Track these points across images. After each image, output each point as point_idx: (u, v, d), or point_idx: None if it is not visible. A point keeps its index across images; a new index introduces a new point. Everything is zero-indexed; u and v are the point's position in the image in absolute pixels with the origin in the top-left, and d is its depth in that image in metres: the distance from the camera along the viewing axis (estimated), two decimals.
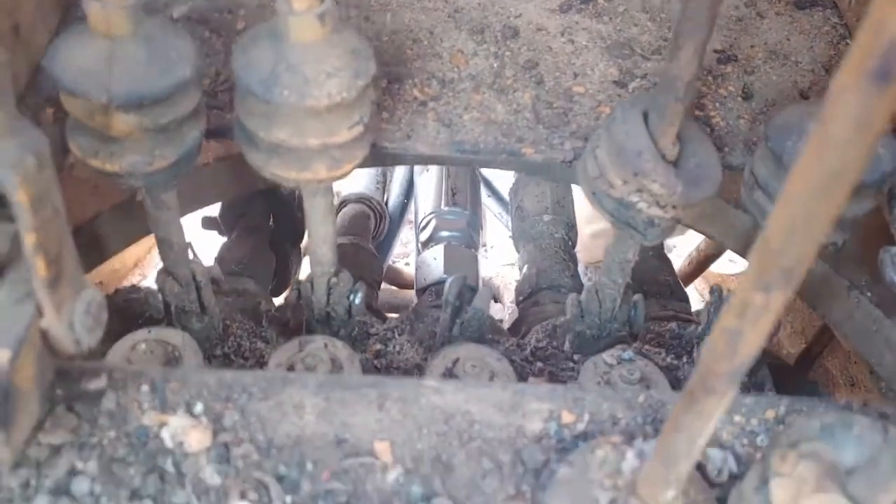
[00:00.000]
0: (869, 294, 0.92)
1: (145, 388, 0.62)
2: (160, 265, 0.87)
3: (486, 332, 0.92)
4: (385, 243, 1.66)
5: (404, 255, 2.64)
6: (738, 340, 0.39)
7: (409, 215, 1.76)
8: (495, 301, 1.81)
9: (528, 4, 1.00)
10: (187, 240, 0.86)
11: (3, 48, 0.70)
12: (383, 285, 1.92)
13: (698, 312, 1.10)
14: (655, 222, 0.75)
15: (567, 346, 0.95)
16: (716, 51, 0.97)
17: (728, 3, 1.04)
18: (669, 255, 1.40)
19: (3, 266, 0.53)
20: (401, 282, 2.02)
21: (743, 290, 0.37)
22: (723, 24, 1.01)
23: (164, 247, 0.84)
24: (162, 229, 0.82)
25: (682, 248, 2.05)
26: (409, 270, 2.06)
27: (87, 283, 0.55)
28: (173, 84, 0.67)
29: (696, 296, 2.06)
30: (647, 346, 0.95)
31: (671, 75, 0.68)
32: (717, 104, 0.91)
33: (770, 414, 0.64)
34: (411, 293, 1.82)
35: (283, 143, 0.70)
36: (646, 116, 0.74)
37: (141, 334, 0.81)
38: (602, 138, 0.75)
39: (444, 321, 0.90)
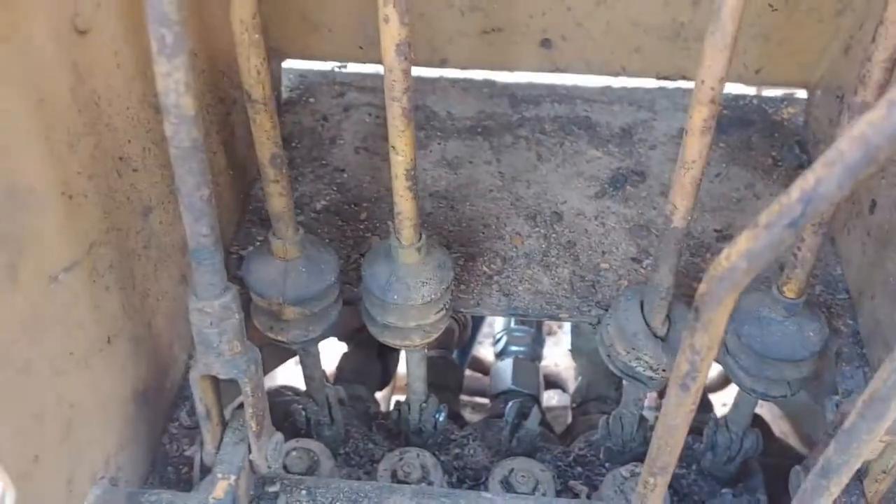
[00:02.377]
0: None
1: (304, 492, 0.96)
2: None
3: (537, 444, 1.23)
4: (468, 346, 2.00)
5: (489, 334, 3.01)
6: (647, 498, 0.70)
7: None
8: (563, 391, 2.11)
9: (572, 192, 1.33)
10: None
11: None
12: (468, 372, 2.26)
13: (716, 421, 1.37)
14: (653, 377, 1.05)
15: (601, 455, 1.24)
16: (716, 230, 1.27)
17: (730, 186, 1.34)
18: None
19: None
20: (481, 368, 2.35)
21: (643, 474, 0.68)
22: (724, 206, 1.31)
23: (308, 380, 1.20)
24: (307, 368, 1.18)
25: None
26: (487, 356, 2.39)
27: (275, 430, 0.91)
28: (324, 288, 1.04)
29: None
30: None
31: (655, 283, 0.99)
32: None
33: None
34: (487, 379, 2.15)
35: (392, 324, 1.04)
36: (643, 303, 1.04)
37: (291, 444, 1.17)
38: (612, 317, 1.06)
39: (505, 436, 1.22)
